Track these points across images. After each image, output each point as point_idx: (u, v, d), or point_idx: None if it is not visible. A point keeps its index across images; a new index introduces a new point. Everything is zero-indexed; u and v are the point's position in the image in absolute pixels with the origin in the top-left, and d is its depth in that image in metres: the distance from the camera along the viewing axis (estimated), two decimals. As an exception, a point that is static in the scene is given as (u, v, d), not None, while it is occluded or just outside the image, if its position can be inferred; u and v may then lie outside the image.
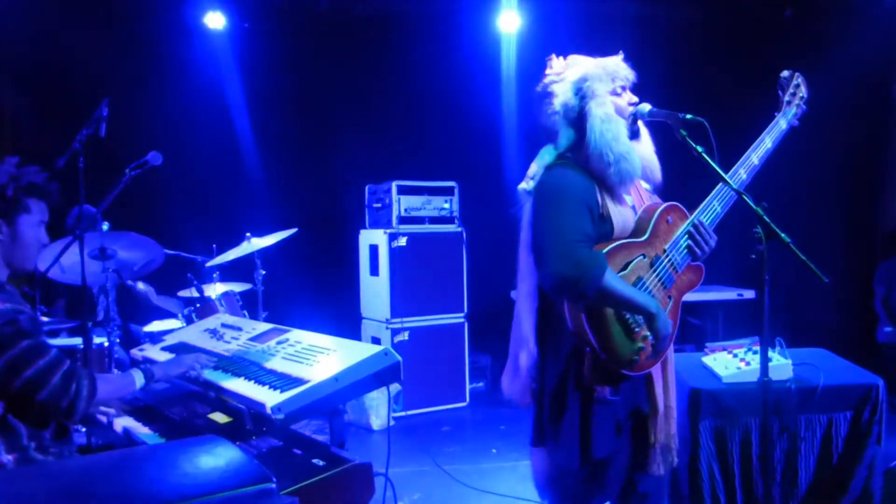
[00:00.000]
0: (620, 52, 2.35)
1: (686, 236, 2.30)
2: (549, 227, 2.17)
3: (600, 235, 2.22)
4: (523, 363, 2.39)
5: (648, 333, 2.21)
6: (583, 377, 2.24)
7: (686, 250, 2.30)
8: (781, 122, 2.51)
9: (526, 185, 2.33)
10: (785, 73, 2.59)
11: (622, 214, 2.27)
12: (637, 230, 2.29)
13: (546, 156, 2.34)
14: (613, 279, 2.13)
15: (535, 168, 2.33)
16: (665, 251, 2.28)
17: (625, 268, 2.22)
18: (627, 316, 2.20)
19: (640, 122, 2.34)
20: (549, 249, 2.15)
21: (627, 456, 2.35)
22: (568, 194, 2.21)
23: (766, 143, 2.46)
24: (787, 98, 2.55)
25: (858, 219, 6.59)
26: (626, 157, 2.20)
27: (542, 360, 2.35)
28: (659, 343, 2.21)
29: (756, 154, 2.42)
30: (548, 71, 2.34)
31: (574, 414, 2.27)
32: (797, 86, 2.57)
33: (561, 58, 2.37)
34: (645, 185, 2.43)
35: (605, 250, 2.18)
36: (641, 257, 2.25)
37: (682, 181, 2.53)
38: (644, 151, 2.35)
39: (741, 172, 2.39)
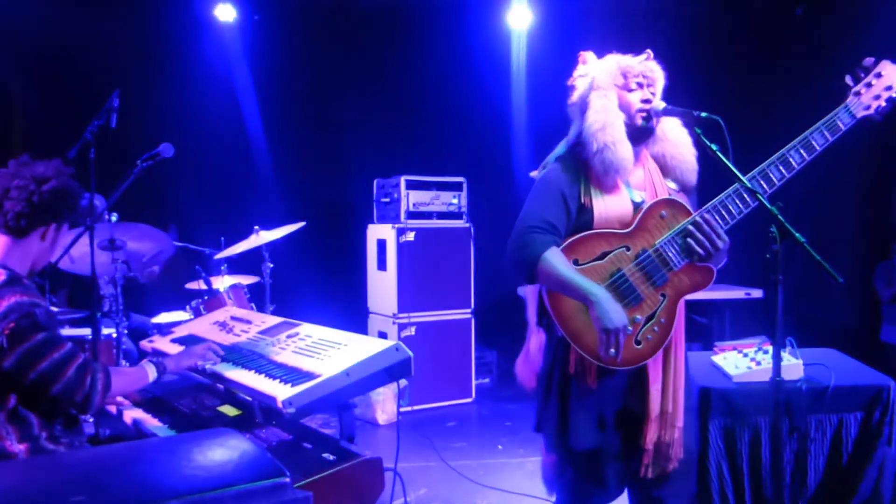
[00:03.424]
0: (647, 50, 2.36)
1: (683, 233, 2.23)
2: (520, 215, 2.29)
3: (579, 224, 2.26)
4: (532, 347, 2.43)
5: (629, 327, 2.19)
6: (567, 365, 2.27)
7: (684, 248, 2.23)
8: (842, 115, 2.26)
9: (535, 173, 2.41)
10: (867, 61, 2.29)
11: (607, 205, 2.26)
12: (627, 223, 2.27)
13: (559, 147, 2.41)
14: (553, 262, 2.15)
15: (549, 158, 2.41)
16: (654, 245, 2.24)
17: (601, 257, 2.22)
18: None
19: (672, 119, 2.33)
20: (511, 235, 2.26)
21: (622, 455, 2.32)
22: (546, 185, 2.30)
23: (813, 138, 2.24)
24: (858, 88, 2.28)
25: (868, 218, 6.55)
26: (610, 148, 2.21)
27: (546, 346, 2.39)
28: (602, 333, 2.11)
29: (796, 150, 2.23)
30: (578, 66, 2.39)
31: (555, 402, 2.32)
32: (879, 75, 2.26)
33: (591, 53, 2.41)
34: (671, 184, 2.40)
35: (577, 237, 2.21)
36: (624, 249, 2.24)
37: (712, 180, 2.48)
38: (671, 149, 2.36)
39: (772, 169, 2.23)
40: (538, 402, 2.42)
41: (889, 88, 2.26)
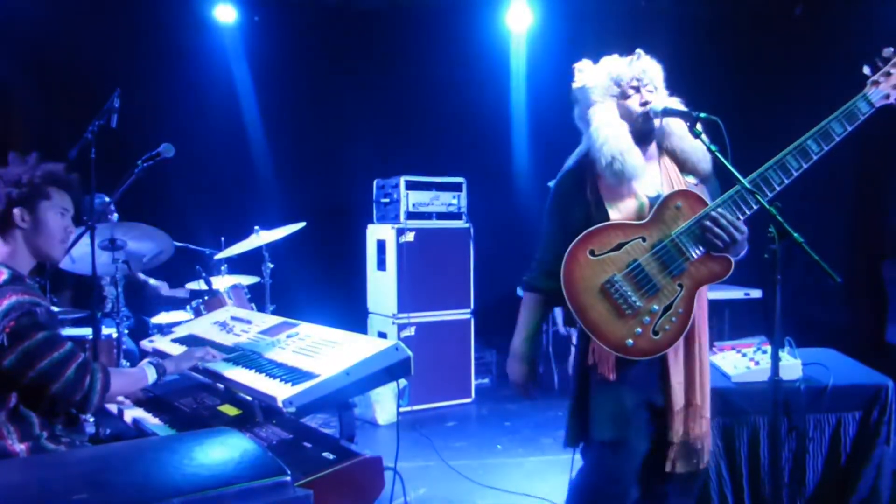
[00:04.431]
0: (637, 50, 2.37)
1: (700, 225, 2.23)
2: (541, 237, 2.50)
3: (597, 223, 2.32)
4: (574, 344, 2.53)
5: (646, 317, 2.21)
6: (587, 357, 2.31)
7: (701, 238, 2.23)
8: (860, 104, 2.26)
9: (552, 183, 2.50)
10: (886, 51, 2.29)
11: (621, 209, 2.30)
12: (643, 216, 2.30)
13: (571, 158, 2.47)
14: (524, 303, 2.49)
15: (563, 169, 2.49)
16: (670, 236, 2.25)
17: (618, 248, 2.25)
18: (616, 295, 2.21)
19: (676, 119, 2.34)
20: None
21: (641, 448, 2.33)
22: (553, 207, 2.45)
23: (831, 127, 2.24)
24: (877, 78, 2.27)
25: (865, 218, 6.56)
26: (618, 159, 2.24)
27: (576, 342, 2.48)
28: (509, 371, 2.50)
29: (814, 140, 2.23)
30: (576, 77, 2.44)
31: (578, 392, 2.38)
32: None
33: (588, 61, 2.44)
34: (691, 178, 2.40)
35: (593, 228, 2.26)
36: (640, 240, 2.25)
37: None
38: (680, 143, 2.39)
39: (789, 159, 2.22)
40: (570, 396, 2.48)
41: None
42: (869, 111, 2.26)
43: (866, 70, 2.31)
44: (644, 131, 2.33)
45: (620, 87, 2.34)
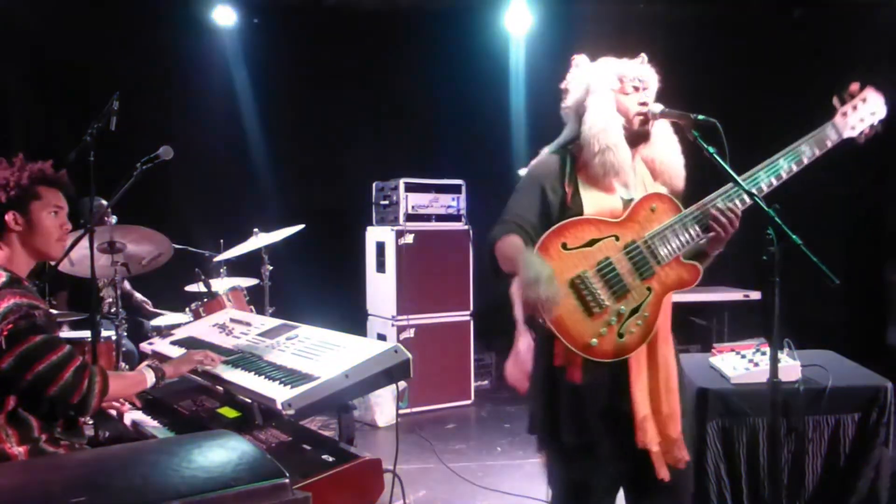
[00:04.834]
0: (642, 54, 2.37)
1: (671, 229, 2.22)
2: (512, 204, 2.35)
3: (569, 217, 2.25)
4: (522, 347, 2.43)
5: (613, 318, 2.17)
6: (552, 359, 2.25)
7: (674, 242, 2.21)
8: (829, 132, 2.32)
9: (524, 170, 2.46)
10: (853, 87, 2.36)
11: (597, 203, 2.26)
12: (616, 214, 2.26)
13: (549, 146, 2.45)
14: (504, 241, 2.22)
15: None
16: (643, 238, 2.23)
17: (590, 244, 2.20)
18: (586, 292, 2.17)
19: (661, 124, 2.34)
20: None
21: (614, 454, 2.28)
22: (526, 178, 2.37)
23: (801, 150, 2.29)
24: (845, 109, 2.33)
25: (863, 219, 6.56)
26: (611, 150, 2.23)
27: (535, 343, 2.38)
28: (526, 295, 2.03)
29: (785, 159, 2.27)
30: (571, 69, 2.41)
31: (544, 398, 2.32)
32: (864, 100, 2.33)
33: (584, 56, 2.42)
34: (661, 187, 2.38)
35: (566, 221, 2.20)
36: (613, 238, 2.22)
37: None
38: (660, 155, 2.37)
39: (761, 175, 2.25)
40: (530, 402, 2.41)
41: (873, 114, 2.34)
42: (837, 139, 2.32)
43: (835, 102, 2.37)
44: (638, 134, 2.32)
45: (622, 84, 2.33)
